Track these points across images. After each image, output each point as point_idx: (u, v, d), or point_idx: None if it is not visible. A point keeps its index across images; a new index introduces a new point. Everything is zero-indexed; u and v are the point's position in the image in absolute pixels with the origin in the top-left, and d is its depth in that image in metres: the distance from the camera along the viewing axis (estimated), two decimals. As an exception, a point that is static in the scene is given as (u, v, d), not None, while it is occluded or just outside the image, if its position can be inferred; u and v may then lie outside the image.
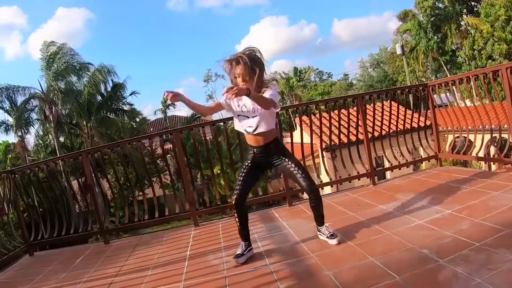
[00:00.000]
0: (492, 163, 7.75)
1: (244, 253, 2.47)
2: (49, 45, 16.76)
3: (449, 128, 4.25)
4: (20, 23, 52.09)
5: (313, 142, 4.11)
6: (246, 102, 2.38)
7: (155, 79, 57.39)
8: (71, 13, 56.11)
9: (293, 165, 2.46)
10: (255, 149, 2.49)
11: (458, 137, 4.17)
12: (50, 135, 17.78)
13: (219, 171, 11.38)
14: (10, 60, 49.28)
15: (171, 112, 29.23)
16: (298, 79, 33.74)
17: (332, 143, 4.22)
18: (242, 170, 2.54)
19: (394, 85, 26.05)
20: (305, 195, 2.83)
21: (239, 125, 2.48)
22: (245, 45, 2.46)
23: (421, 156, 4.52)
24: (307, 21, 63.68)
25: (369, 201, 3.36)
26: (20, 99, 16.87)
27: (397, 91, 4.07)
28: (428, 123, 4.36)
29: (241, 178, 2.50)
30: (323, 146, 9.09)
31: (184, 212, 3.80)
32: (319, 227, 2.59)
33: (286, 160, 2.48)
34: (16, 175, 3.99)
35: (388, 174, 9.78)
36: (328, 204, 3.49)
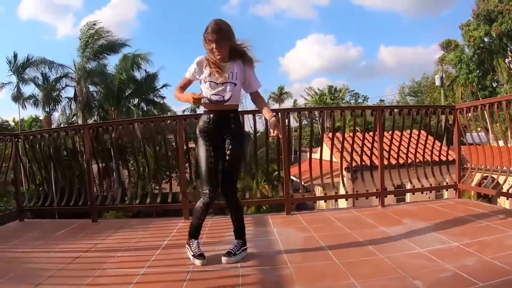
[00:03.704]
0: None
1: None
2: (90, 28, 17.23)
3: (478, 166, 3.82)
4: (76, 6, 54.83)
5: (335, 160, 3.93)
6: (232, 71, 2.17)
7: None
8: (126, 3, 58.71)
9: (233, 157, 2.15)
10: (211, 115, 2.20)
11: (486, 177, 3.74)
12: (77, 117, 18.18)
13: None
14: (60, 40, 51.93)
15: (201, 111, 29.37)
16: (332, 97, 33.29)
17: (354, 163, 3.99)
18: (206, 156, 2.16)
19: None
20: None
21: (207, 92, 2.19)
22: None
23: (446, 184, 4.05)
24: (353, 43, 62.95)
25: (372, 221, 3.05)
26: (53, 77, 17.52)
27: (421, 110, 3.72)
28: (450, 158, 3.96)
29: (211, 166, 2.14)
30: (345, 166, 8.77)
31: (176, 203, 3.64)
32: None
33: (234, 144, 2.16)
34: (20, 140, 4.01)
35: (408, 197, 9.17)
36: (327, 218, 3.31)
